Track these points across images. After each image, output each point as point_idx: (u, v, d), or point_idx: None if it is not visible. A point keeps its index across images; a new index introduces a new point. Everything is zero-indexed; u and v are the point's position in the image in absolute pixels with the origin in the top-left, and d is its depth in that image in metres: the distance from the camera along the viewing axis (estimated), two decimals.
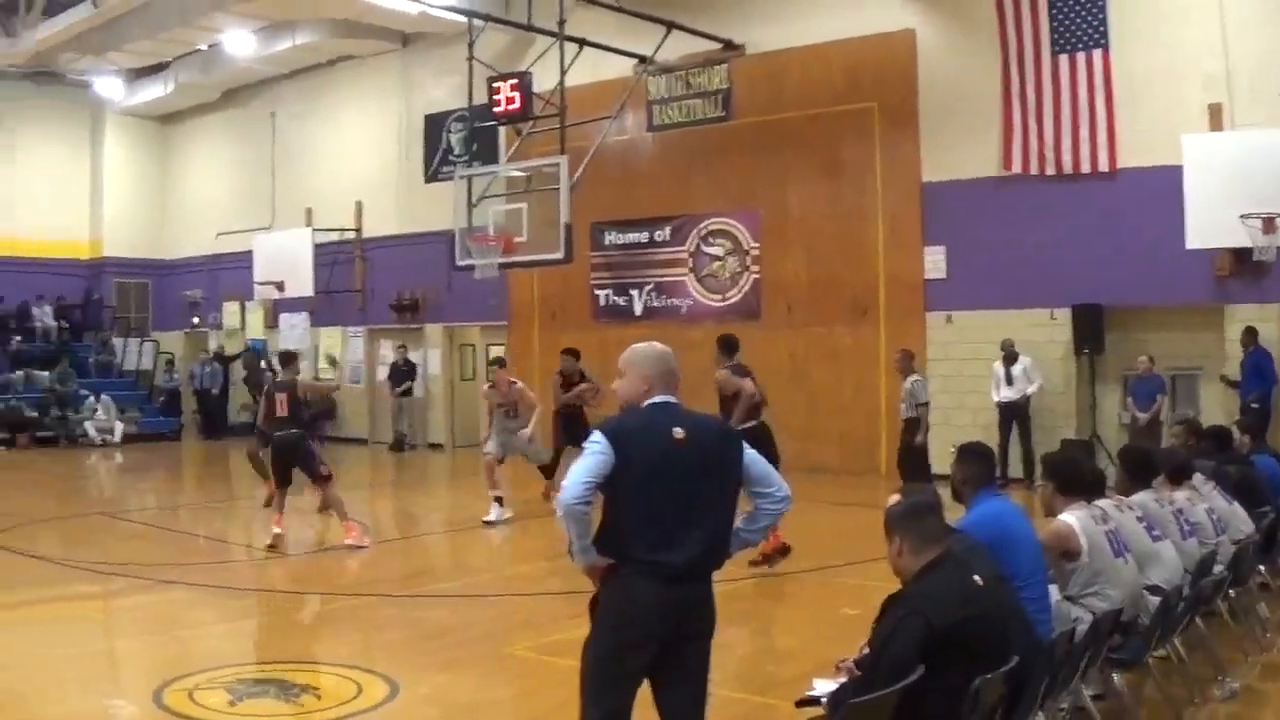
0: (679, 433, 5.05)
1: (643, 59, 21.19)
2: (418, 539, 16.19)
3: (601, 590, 5.11)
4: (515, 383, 15.91)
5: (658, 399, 5.20)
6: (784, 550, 11.60)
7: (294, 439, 13.95)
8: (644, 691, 5.12)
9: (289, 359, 14.97)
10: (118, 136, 33.24)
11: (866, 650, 5.14)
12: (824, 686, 5.52)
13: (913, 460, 16.54)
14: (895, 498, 5.34)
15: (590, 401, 16.85)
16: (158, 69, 30.35)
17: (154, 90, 31.18)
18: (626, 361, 5.33)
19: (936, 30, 19.25)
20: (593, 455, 4.95)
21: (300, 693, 8.02)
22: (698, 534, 4.99)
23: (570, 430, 16.32)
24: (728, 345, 12.58)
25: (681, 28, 20.41)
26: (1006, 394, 18.07)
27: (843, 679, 5.35)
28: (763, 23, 20.92)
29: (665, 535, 4.94)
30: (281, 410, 13.96)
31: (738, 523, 5.21)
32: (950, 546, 5.16)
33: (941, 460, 16.94)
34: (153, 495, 21.39)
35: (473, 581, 12.55)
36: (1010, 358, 18.02)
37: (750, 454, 5.20)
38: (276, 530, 13.62)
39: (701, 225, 21.90)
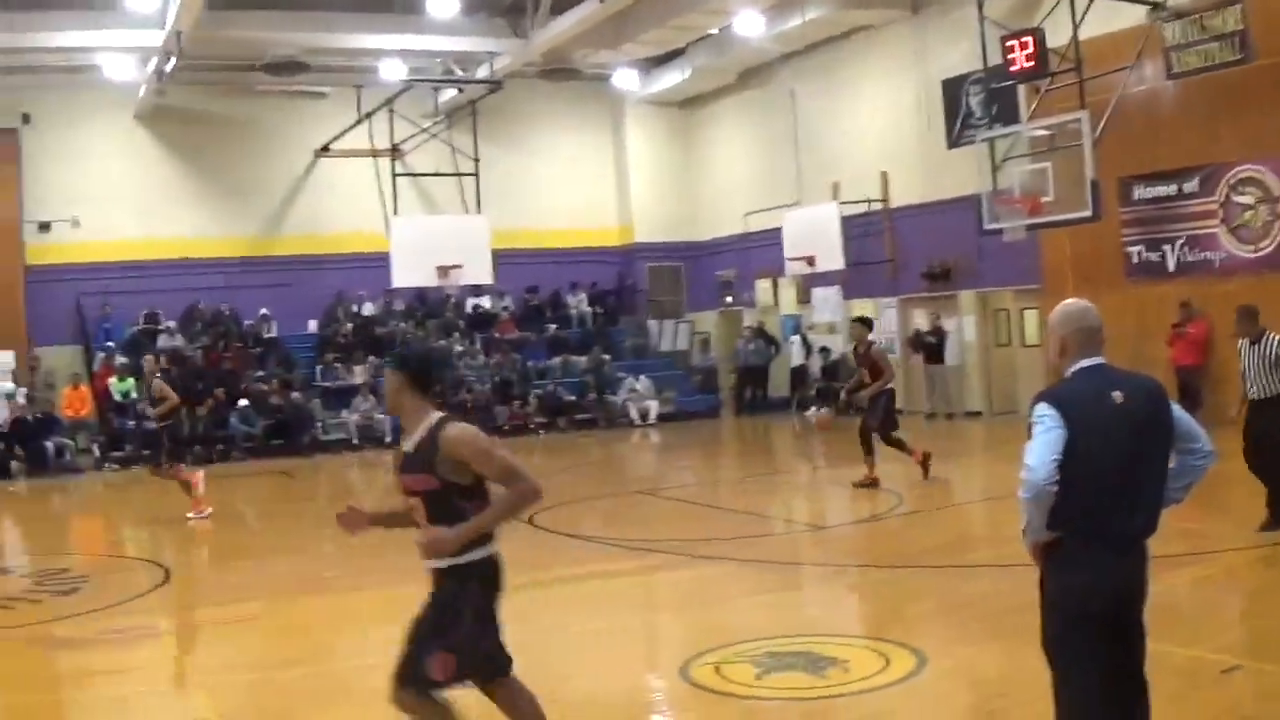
0: (1118, 396, 5.34)
1: (1155, 5, 22.79)
2: (953, 509, 17.62)
3: (1050, 567, 5.50)
4: None
5: (1084, 363, 5.49)
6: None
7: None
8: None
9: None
10: (639, 125, 38.89)
11: None
12: None
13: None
14: None
15: None
16: (673, 56, 35.09)
17: (671, 77, 36.46)
18: (1048, 325, 5.63)
19: None
20: (1049, 430, 5.27)
21: (827, 665, 8.77)
22: (1142, 498, 5.35)
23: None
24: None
25: None
26: None
27: None
28: None
29: (1115, 503, 5.29)
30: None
31: None
32: None
33: None
34: (691, 472, 24.66)
35: (1009, 551, 12.04)
36: None
37: (1177, 409, 5.48)
38: None
39: (1230, 174, 23.39)
